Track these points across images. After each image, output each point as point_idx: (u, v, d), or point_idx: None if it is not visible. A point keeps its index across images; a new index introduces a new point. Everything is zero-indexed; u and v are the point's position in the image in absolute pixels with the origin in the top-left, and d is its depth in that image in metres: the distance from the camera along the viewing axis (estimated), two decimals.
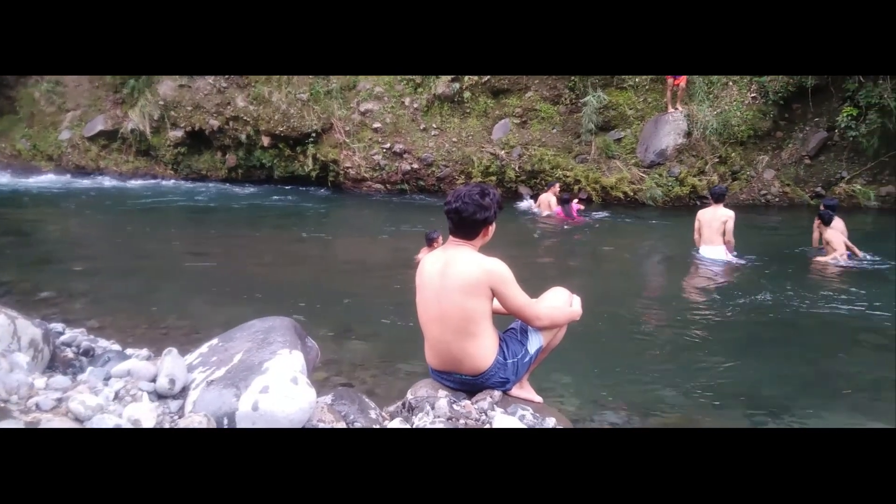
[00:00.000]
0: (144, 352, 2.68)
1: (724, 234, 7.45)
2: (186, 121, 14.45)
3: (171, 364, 2.21)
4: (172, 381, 2.17)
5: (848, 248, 7.55)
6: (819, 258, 7.54)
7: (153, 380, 2.21)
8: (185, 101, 14.49)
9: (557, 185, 11.67)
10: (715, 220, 7.49)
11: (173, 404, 2.14)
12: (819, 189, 12.49)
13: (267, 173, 14.70)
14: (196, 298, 5.83)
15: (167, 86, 14.55)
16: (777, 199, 12.56)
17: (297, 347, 2.36)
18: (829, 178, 12.57)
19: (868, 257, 7.64)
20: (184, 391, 2.20)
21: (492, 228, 2.74)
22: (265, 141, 14.17)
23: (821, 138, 12.73)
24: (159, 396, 2.17)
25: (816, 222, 7.75)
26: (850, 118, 12.02)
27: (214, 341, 2.49)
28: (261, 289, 6.19)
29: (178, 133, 14.57)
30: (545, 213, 11.05)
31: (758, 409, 3.67)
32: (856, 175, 12.46)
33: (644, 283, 7.51)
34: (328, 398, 2.40)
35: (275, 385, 2.05)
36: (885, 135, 11.90)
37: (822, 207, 8.02)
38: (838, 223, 7.74)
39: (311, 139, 13.90)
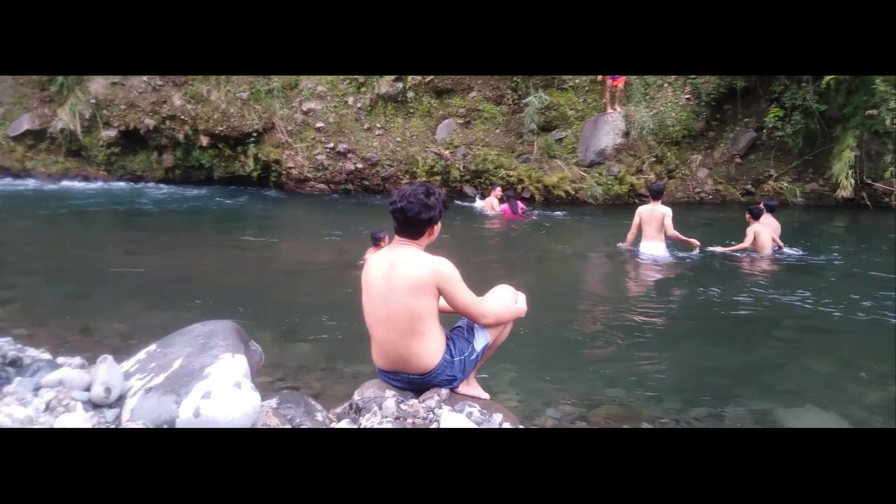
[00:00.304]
0: (77, 360, 2.57)
1: (663, 230, 7.67)
2: (120, 120, 13.91)
3: (107, 372, 2.13)
4: (108, 390, 2.09)
5: (775, 243, 7.94)
6: (720, 249, 7.93)
7: (87, 389, 2.13)
8: (118, 99, 13.95)
9: (498, 187, 11.95)
10: (654, 218, 7.70)
11: (109, 413, 2.07)
12: (749, 187, 13.06)
13: (206, 174, 14.32)
14: (132, 304, 5.62)
15: (98, 83, 13.97)
16: (710, 197, 13.06)
17: (241, 351, 2.31)
18: (758, 177, 13.16)
19: (792, 252, 8.05)
20: (120, 400, 2.13)
21: (437, 228, 2.75)
22: (204, 141, 13.79)
23: (750, 138, 13.31)
24: (94, 406, 2.09)
25: (748, 216, 8.11)
26: (776, 119, 12.62)
27: (152, 347, 2.41)
28: (201, 293, 6.02)
29: (112, 132, 14.01)
30: (491, 213, 11.27)
31: (698, 400, 3.80)
32: (783, 173, 13.08)
33: (587, 280, 7.67)
34: (273, 402, 2.37)
35: (217, 390, 2.00)
36: (808, 135, 12.57)
37: (761, 206, 8.40)
38: (770, 220, 8.12)
39: (253, 139, 13.61)
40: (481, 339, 2.85)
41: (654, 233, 7.70)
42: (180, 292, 6.04)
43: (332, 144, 13.51)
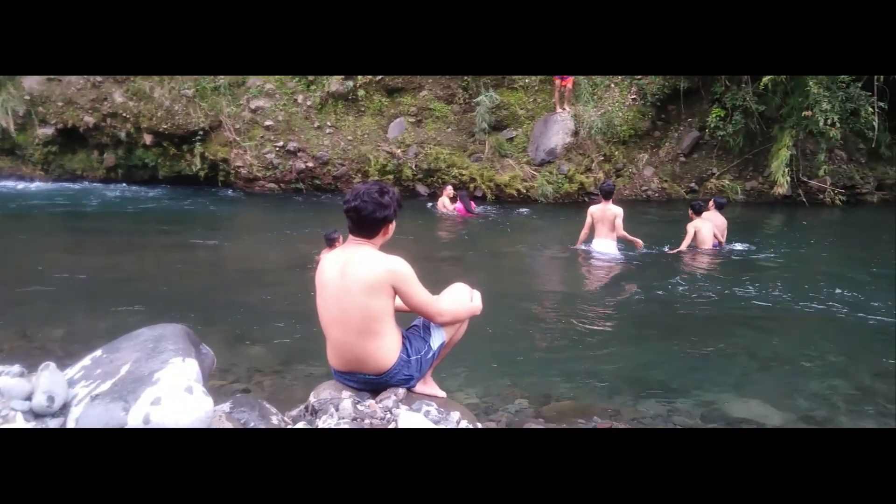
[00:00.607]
0: (16, 368, 2.45)
1: (614, 230, 7.84)
2: (57, 117, 13.35)
3: (49, 379, 2.05)
4: (51, 399, 2.01)
5: (716, 239, 8.17)
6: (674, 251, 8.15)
7: (28, 398, 2.04)
8: (54, 95, 13.39)
9: (449, 187, 12.03)
10: (606, 217, 7.86)
11: (53, 423, 1.99)
12: (693, 185, 13.46)
13: (150, 173, 13.88)
14: (74, 309, 5.41)
15: (33, 79, 13.37)
16: (657, 195, 13.41)
17: (191, 355, 2.26)
18: (702, 175, 13.58)
19: (733, 247, 8.34)
20: (65, 408, 2.05)
21: (392, 227, 2.74)
22: (147, 139, 13.37)
23: (693, 137, 13.73)
24: (36, 416, 2.01)
25: (690, 212, 8.34)
26: (718, 119, 13.05)
27: (98, 353, 2.33)
28: (148, 296, 5.85)
29: (48, 130, 13.43)
30: (445, 211, 11.35)
31: (648, 393, 3.90)
32: (725, 171, 13.54)
33: (541, 277, 7.78)
34: (226, 406, 2.31)
35: (167, 396, 1.95)
36: (748, 134, 13.05)
37: (710, 203, 8.67)
38: (716, 217, 8.36)
39: (199, 137, 13.25)
40: (437, 338, 2.86)
41: (606, 231, 7.87)
42: (126, 296, 5.84)
43: (281, 143, 13.29)
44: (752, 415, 3.56)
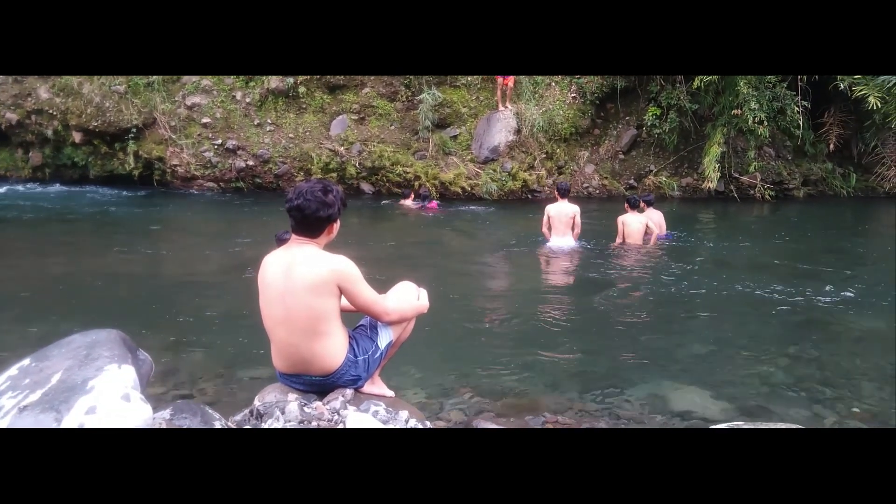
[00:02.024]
0: None
1: (573, 227, 8.03)
2: None
3: None
4: None
5: (648, 234, 8.36)
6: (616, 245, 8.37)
7: None
8: None
9: (412, 193, 12.26)
10: (564, 215, 8.05)
11: None
12: (632, 181, 13.86)
13: (81, 173, 13.32)
14: None
15: None
16: (597, 191, 13.73)
17: (128, 361, 2.18)
18: (640, 172, 13.99)
19: (664, 238, 8.59)
20: None
21: (336, 226, 2.70)
22: (76, 137, 12.80)
23: (631, 135, 14.12)
24: None
25: (626, 206, 8.53)
26: (654, 117, 13.48)
27: (26, 361, 2.22)
28: (80, 302, 5.59)
29: None
30: (408, 208, 11.77)
31: (595, 386, 3.96)
32: (662, 168, 13.99)
33: (487, 274, 7.82)
34: (166, 413, 2.23)
35: (103, 404, 1.87)
36: (683, 132, 13.53)
37: (649, 198, 8.90)
38: (652, 213, 8.58)
39: (132, 135, 12.77)
40: (385, 337, 2.84)
41: (564, 229, 8.06)
42: (57, 302, 5.57)
43: (220, 141, 12.95)
44: (692, 405, 3.67)
